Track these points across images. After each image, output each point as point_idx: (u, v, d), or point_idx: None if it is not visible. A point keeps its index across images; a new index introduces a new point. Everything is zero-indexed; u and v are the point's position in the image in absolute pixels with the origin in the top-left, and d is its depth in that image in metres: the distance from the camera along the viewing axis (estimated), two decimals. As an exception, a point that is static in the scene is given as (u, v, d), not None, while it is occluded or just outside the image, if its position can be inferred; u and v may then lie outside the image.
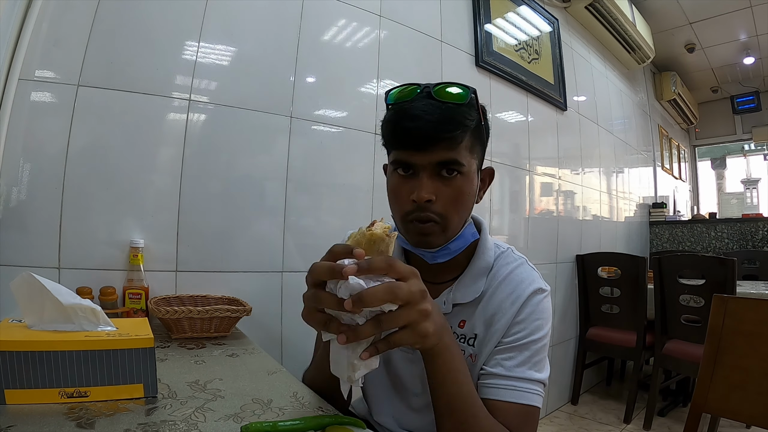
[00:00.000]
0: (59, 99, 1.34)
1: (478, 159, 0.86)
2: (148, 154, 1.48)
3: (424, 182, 0.79)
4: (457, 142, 0.79)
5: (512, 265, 0.90)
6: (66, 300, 0.75)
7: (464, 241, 0.87)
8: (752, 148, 6.62)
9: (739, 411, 1.10)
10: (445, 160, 0.79)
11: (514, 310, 0.83)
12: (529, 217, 2.98)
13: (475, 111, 0.82)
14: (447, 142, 0.78)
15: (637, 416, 2.91)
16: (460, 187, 0.81)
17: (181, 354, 1.07)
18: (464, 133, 0.80)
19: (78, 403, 0.69)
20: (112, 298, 1.30)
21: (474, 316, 0.87)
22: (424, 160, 0.79)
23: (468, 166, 0.81)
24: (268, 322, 1.62)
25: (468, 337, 0.87)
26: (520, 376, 0.80)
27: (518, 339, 0.82)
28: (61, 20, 1.35)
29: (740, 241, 4.27)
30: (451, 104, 0.79)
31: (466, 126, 0.79)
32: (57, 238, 1.31)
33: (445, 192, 0.80)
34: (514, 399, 0.78)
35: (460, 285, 0.89)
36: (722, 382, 1.12)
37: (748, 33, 4.54)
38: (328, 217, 1.86)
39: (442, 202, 0.80)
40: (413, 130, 0.78)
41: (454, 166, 0.80)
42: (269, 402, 0.79)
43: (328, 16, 1.93)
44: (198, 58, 1.56)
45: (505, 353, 0.82)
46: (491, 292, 0.87)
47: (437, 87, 0.80)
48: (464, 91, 0.80)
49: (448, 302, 0.89)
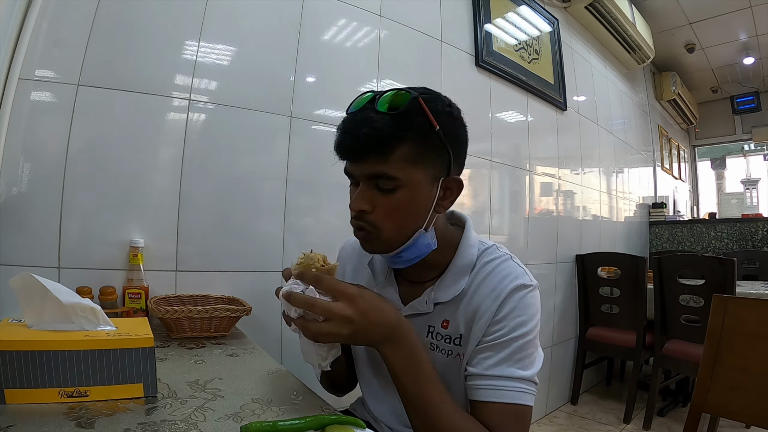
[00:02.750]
0: (59, 98, 1.34)
1: (432, 167, 0.82)
2: (149, 154, 1.48)
3: (360, 192, 0.81)
4: (386, 155, 0.77)
5: (495, 261, 0.88)
6: (66, 299, 0.75)
7: (417, 250, 0.86)
8: (752, 148, 6.64)
9: (739, 411, 1.10)
10: (376, 174, 0.79)
11: (494, 308, 0.81)
12: (529, 216, 2.98)
13: (422, 118, 0.78)
14: (375, 155, 0.77)
15: (636, 416, 2.91)
16: (398, 200, 0.80)
17: (180, 354, 1.07)
18: (394, 145, 0.77)
19: (78, 403, 0.69)
20: (112, 297, 1.30)
21: (457, 315, 0.86)
22: (359, 170, 0.81)
23: (407, 178, 0.78)
24: (268, 322, 1.62)
25: (453, 337, 0.86)
26: (500, 375, 0.78)
27: (498, 337, 0.80)
28: (61, 20, 1.35)
29: (740, 241, 4.26)
30: (384, 115, 0.77)
31: (398, 137, 0.77)
32: (57, 238, 1.31)
33: (381, 203, 0.80)
34: (494, 398, 0.78)
35: (441, 284, 0.89)
36: (722, 382, 1.12)
37: (748, 33, 4.54)
38: (328, 217, 1.86)
39: (377, 213, 0.81)
40: (342, 144, 0.80)
41: (385, 179, 0.79)
42: (269, 402, 0.79)
43: (328, 15, 1.93)
44: (198, 58, 1.56)
45: (485, 352, 0.81)
46: (473, 290, 0.86)
47: (383, 94, 0.79)
48: (403, 98, 0.77)
49: (430, 301, 0.89)
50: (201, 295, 1.46)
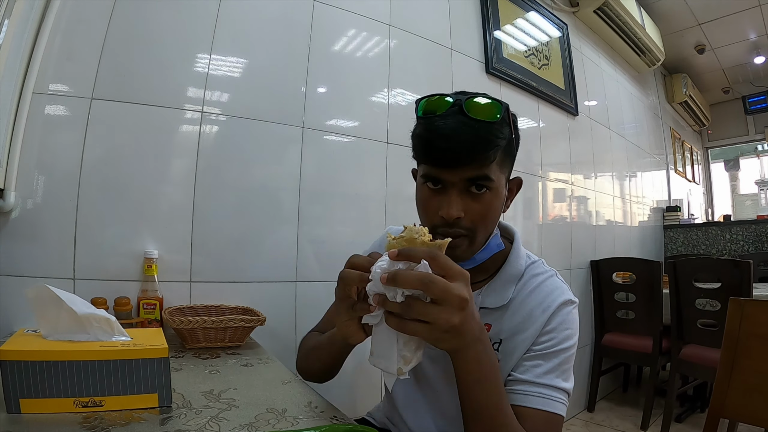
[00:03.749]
0: (73, 112, 1.36)
1: (507, 172, 0.87)
2: (162, 166, 1.49)
3: (453, 199, 0.79)
4: (490, 161, 0.79)
5: (543, 276, 0.91)
6: (81, 310, 0.75)
7: (489, 251, 0.89)
8: (765, 148, 6.57)
9: (758, 415, 1.08)
10: (476, 176, 0.79)
11: (544, 319, 0.83)
12: (543, 223, 2.96)
13: (507, 126, 0.82)
14: (479, 161, 0.78)
15: (654, 422, 2.87)
16: (489, 203, 0.81)
17: (195, 364, 1.07)
18: (496, 152, 0.79)
19: (93, 413, 0.69)
20: (127, 308, 1.30)
21: (501, 321, 0.88)
22: (455, 177, 0.79)
23: (497, 181, 0.81)
24: (282, 332, 1.62)
25: (493, 341, 0.86)
26: (548, 384, 0.80)
27: (548, 347, 0.82)
28: (75, 34, 1.37)
29: (755, 243, 4.21)
30: (483, 122, 0.78)
31: (498, 145, 0.79)
32: (72, 250, 1.32)
33: (474, 208, 0.81)
34: (540, 406, 0.78)
35: (490, 290, 0.90)
36: (740, 387, 1.10)
37: (758, 32, 4.50)
38: (341, 227, 1.86)
39: (471, 218, 0.81)
40: (447, 152, 0.77)
41: (484, 182, 0.80)
42: (283, 411, 0.78)
43: (337, 26, 1.94)
44: (210, 70, 1.58)
45: (534, 360, 0.82)
46: (520, 300, 0.88)
47: (468, 101, 0.79)
48: (497, 108, 0.80)
49: (477, 305, 0.89)
50: (215, 305, 1.46)
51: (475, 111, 0.78)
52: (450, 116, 0.78)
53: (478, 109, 0.78)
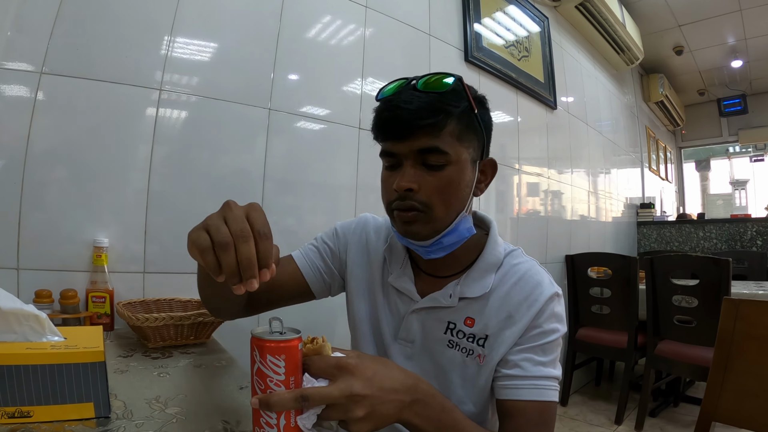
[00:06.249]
0: (20, 88, 1.25)
1: (472, 149, 0.84)
2: (115, 148, 1.39)
3: (405, 171, 0.79)
4: (439, 129, 0.78)
5: (524, 265, 0.89)
6: (5, 305, 0.67)
7: (458, 235, 0.85)
8: (737, 150, 6.73)
9: (752, 419, 1.05)
10: (427, 147, 0.78)
11: (531, 314, 0.82)
12: (518, 216, 2.95)
13: (463, 99, 0.81)
14: (427, 129, 0.77)
15: (628, 417, 2.90)
16: (447, 177, 0.80)
17: (144, 364, 0.98)
18: (446, 120, 0.78)
19: (19, 425, 0.62)
20: (74, 301, 1.20)
21: (484, 315, 0.85)
22: (405, 148, 0.79)
23: (455, 154, 0.80)
24: (246, 329, 1.53)
25: (478, 337, 0.85)
26: (539, 375, 0.80)
27: (537, 341, 0.82)
28: (25, 4, 1.26)
29: (729, 242, 4.30)
30: (433, 93, 0.78)
31: (448, 112, 0.78)
32: (16, 237, 1.23)
33: (429, 181, 0.79)
34: (533, 397, 0.79)
35: (468, 279, 0.87)
36: (733, 389, 1.07)
37: (737, 36, 4.58)
38: (310, 217, 1.79)
39: (426, 191, 0.79)
40: (392, 120, 0.79)
41: (436, 154, 0.78)
42: (237, 424, 0.70)
43: (311, 5, 1.86)
44: (171, 46, 1.48)
45: (523, 354, 0.82)
46: (505, 292, 0.86)
47: (422, 78, 0.81)
48: (446, 77, 0.80)
49: (455, 295, 0.86)
50: (173, 299, 1.37)
51: (425, 84, 0.80)
52: (402, 93, 0.80)
53: (428, 83, 0.80)
